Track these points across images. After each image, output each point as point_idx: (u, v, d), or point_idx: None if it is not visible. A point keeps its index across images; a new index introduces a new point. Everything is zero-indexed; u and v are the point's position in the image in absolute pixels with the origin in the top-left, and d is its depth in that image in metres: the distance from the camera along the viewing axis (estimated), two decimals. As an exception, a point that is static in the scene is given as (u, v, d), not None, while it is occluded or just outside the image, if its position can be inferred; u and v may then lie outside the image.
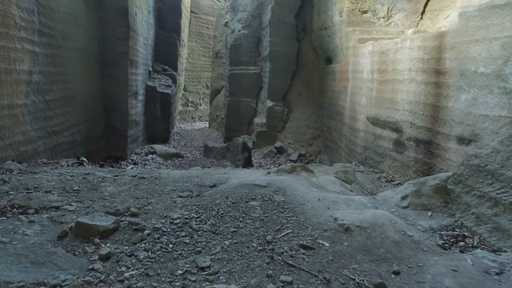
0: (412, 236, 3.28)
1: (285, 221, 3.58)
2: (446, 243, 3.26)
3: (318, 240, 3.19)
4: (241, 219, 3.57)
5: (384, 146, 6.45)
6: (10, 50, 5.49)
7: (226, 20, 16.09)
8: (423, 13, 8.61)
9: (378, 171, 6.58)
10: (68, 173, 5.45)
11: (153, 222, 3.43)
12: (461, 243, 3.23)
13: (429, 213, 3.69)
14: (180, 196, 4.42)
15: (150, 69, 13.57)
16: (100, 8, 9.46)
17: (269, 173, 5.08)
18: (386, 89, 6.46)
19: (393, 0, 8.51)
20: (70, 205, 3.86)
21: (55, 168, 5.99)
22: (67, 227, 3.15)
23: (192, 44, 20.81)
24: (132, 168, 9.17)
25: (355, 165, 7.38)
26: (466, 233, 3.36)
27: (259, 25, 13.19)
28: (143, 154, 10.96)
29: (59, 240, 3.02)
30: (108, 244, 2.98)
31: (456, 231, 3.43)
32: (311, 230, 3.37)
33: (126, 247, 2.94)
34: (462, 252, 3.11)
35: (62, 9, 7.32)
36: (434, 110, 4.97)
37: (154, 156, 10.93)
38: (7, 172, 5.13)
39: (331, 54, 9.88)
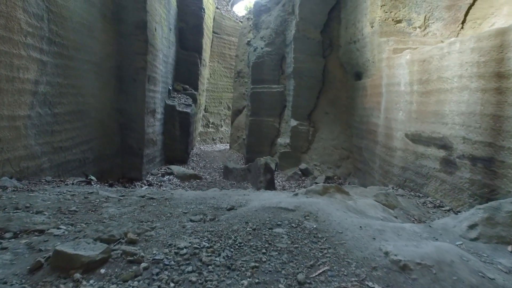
0: (494, 279, 2.44)
1: (320, 254, 2.80)
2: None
3: (366, 282, 2.39)
4: (264, 251, 2.82)
5: (429, 166, 5.60)
6: (13, 56, 5.04)
7: (249, 39, 15.73)
8: (463, 22, 7.85)
9: (421, 195, 5.70)
10: (69, 191, 4.86)
11: (153, 252, 2.73)
12: None
13: (509, 248, 2.83)
14: (191, 220, 3.72)
15: (170, 87, 13.19)
16: (118, 22, 9.14)
17: (296, 194, 4.33)
18: (429, 101, 5.66)
19: (430, 8, 7.81)
20: (58, 228, 3.21)
21: (57, 186, 5.41)
22: (43, 257, 2.48)
23: (214, 65, 20.56)
24: (146, 189, 8.56)
25: (392, 188, 6.51)
26: None
27: (283, 42, 12.69)
28: (160, 175, 10.37)
29: (30, 274, 2.35)
30: (91, 281, 2.28)
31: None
32: (355, 268, 2.58)
33: (114, 286, 2.24)
34: None
35: (76, 19, 6.95)
36: (496, 121, 4.14)
37: (170, 177, 10.32)
38: (0, 190, 4.57)
39: (361, 68, 9.17)
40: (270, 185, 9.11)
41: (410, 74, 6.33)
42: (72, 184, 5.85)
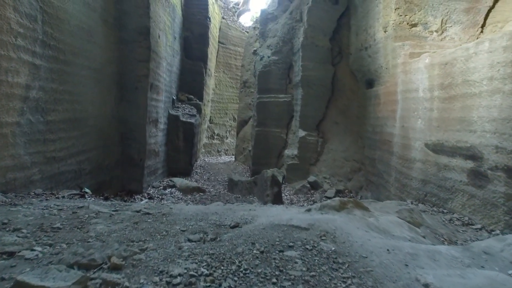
0: None
1: (343, 285, 2.30)
2: None
3: (406, 326, 1.89)
4: (274, 280, 2.34)
5: (454, 178, 5.07)
6: (0, 57, 4.64)
7: (255, 48, 15.39)
8: (483, 26, 7.39)
9: (446, 210, 5.16)
10: (57, 206, 4.41)
11: (141, 281, 2.26)
12: None
13: None
14: (189, 240, 3.24)
15: (174, 97, 12.82)
16: (120, 28, 8.81)
17: (309, 210, 3.82)
18: (453, 107, 5.16)
19: (448, 11, 7.36)
20: (32, 250, 2.74)
21: (46, 199, 4.96)
22: (0, 290, 2.01)
23: (220, 75, 20.23)
24: (145, 202, 8.09)
25: (411, 203, 5.97)
26: None
27: (290, 50, 12.29)
28: (161, 187, 9.89)
29: (-18, 312, 1.87)
30: (57, 323, 1.80)
31: None
32: (389, 305, 2.08)
33: (85, 330, 1.76)
34: None
35: (74, 22, 6.59)
36: (536, 127, 3.63)
37: (172, 190, 9.84)
38: (-22, 203, 4.13)
39: (373, 76, 8.71)
40: (277, 199, 8.60)
41: (430, 79, 5.85)
42: (63, 197, 5.39)
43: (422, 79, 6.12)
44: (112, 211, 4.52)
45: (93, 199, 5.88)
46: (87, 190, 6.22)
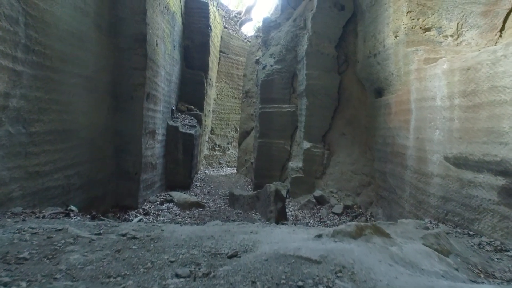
0: None
1: None
2: None
3: None
4: None
5: (481, 196, 4.50)
6: (-28, 62, 4.16)
7: (257, 57, 14.95)
8: (502, 30, 6.89)
9: (472, 232, 4.58)
10: (32, 229, 3.87)
11: None
12: None
13: None
14: (177, 275, 2.71)
15: (173, 107, 12.34)
16: (116, 35, 8.36)
17: (320, 236, 3.26)
18: (478, 116, 4.62)
19: (463, 14, 6.87)
20: (-22, 293, 2.20)
21: (23, 220, 4.42)
22: None
23: (221, 85, 19.79)
24: (138, 220, 7.54)
25: (430, 222, 5.40)
26: None
27: (294, 58, 11.83)
28: (158, 202, 9.34)
29: None
30: None
31: None
32: None
33: None
34: None
35: (63, 27, 6.14)
36: None
37: (170, 205, 9.29)
38: None
39: (383, 84, 8.20)
40: (282, 216, 8.03)
41: (449, 85, 5.33)
42: (43, 217, 4.85)
43: (440, 86, 5.60)
44: (94, 234, 3.99)
45: (79, 218, 5.33)
46: (73, 208, 5.68)
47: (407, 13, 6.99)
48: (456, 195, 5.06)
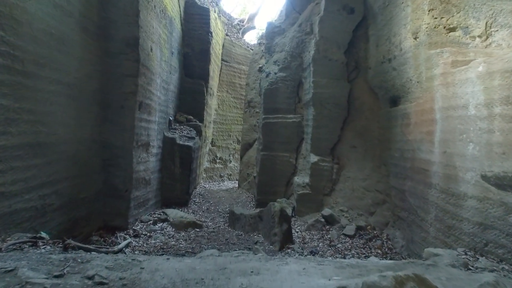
0: None
1: None
2: None
3: None
4: None
5: (536, 227, 3.64)
6: None
7: (261, 65, 14.20)
8: (536, 30, 6.08)
9: (525, 272, 3.70)
10: (-28, 271, 3.04)
11: None
12: None
13: None
14: None
15: (171, 118, 11.56)
16: (106, 39, 7.62)
17: (343, 289, 2.42)
18: (529, 128, 3.79)
19: (493, 13, 6.07)
20: None
21: (-31, 256, 3.59)
22: None
23: (223, 95, 19.02)
24: (128, 242, 6.69)
25: (465, 253, 4.52)
26: None
27: (299, 65, 11.05)
28: (151, 222, 8.48)
29: None
30: None
31: None
32: None
33: None
34: None
35: (38, 26, 5.39)
36: None
37: (164, 225, 8.43)
38: None
39: (399, 91, 7.37)
40: (287, 239, 7.17)
41: (487, 91, 4.50)
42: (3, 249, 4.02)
43: (474, 92, 4.77)
44: (54, 277, 3.16)
45: (48, 247, 4.49)
46: (43, 234, 4.83)
47: (429, 11, 6.21)
48: (499, 223, 4.19)
